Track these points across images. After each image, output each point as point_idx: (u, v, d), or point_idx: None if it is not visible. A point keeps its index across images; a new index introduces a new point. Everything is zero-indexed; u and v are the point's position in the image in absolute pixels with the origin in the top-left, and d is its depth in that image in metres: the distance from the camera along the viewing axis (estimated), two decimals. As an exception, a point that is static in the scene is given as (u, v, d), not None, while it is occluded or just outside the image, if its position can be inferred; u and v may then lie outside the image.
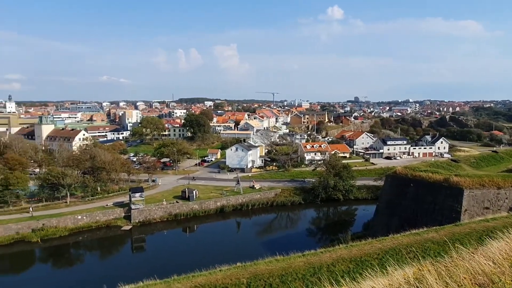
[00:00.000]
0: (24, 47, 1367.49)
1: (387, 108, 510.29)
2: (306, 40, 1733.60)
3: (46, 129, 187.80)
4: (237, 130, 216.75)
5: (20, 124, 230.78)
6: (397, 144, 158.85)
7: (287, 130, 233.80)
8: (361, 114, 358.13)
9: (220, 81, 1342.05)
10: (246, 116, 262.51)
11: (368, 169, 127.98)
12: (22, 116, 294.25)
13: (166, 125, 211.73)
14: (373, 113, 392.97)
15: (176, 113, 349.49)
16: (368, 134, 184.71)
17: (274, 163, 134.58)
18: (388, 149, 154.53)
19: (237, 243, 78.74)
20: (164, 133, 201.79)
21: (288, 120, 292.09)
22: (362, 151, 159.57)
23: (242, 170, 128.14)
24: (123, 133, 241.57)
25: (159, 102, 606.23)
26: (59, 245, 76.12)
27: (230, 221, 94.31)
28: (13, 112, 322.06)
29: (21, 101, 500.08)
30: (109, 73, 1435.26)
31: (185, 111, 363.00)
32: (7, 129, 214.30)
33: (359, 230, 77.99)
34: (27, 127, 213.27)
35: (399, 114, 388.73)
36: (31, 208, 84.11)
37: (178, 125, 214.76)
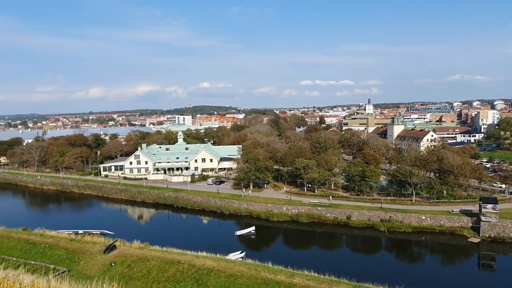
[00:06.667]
0: (381, 56, 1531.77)
1: None
2: None
3: (397, 129, 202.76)
4: None
5: (375, 124, 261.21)
6: None
7: None
8: None
9: None
10: None
11: None
12: (377, 117, 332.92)
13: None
14: None
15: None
16: None
17: None
18: None
19: None
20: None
21: None
22: None
23: None
24: (475, 136, 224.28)
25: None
26: (402, 239, 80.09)
27: None
28: (370, 114, 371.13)
29: (377, 104, 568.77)
30: (462, 71, 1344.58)
31: None
32: (365, 128, 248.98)
33: None
34: (381, 127, 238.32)
35: None
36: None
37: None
